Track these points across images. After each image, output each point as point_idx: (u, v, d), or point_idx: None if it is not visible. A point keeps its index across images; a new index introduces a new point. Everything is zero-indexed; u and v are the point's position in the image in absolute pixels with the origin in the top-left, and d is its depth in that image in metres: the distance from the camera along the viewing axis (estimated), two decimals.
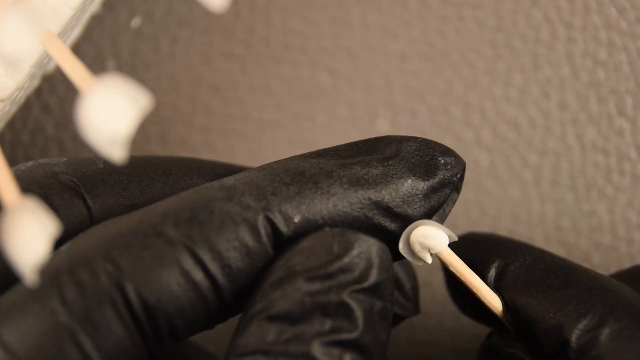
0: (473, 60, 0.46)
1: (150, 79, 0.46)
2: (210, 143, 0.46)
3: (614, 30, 0.46)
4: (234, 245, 0.32)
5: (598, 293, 0.34)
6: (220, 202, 0.32)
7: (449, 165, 0.34)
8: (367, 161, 0.34)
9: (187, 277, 0.31)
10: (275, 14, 0.47)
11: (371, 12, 0.46)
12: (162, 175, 0.35)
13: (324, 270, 0.31)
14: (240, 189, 0.32)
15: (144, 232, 0.31)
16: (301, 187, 0.33)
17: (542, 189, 0.46)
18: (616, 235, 0.45)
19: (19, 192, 0.31)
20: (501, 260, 0.36)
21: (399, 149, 0.34)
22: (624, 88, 0.46)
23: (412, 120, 0.46)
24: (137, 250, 0.31)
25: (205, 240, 0.31)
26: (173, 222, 0.32)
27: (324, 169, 0.33)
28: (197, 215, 0.32)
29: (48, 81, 0.46)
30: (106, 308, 0.30)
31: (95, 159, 0.35)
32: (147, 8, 0.47)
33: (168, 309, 0.31)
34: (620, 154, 0.45)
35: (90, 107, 0.29)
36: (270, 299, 0.31)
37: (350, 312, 0.31)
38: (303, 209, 0.32)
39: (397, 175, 0.33)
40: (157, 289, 0.31)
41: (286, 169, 0.33)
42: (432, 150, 0.34)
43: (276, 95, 0.46)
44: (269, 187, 0.32)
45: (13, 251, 0.29)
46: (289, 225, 0.32)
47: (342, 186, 0.33)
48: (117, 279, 0.31)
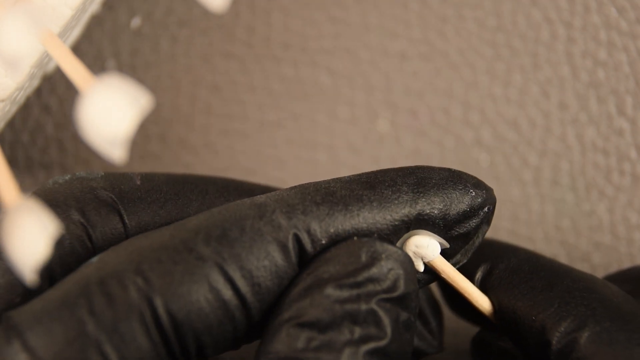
0: (473, 60, 0.46)
1: (150, 79, 0.46)
2: (210, 143, 0.46)
3: (614, 30, 0.46)
4: (264, 265, 0.32)
5: (580, 294, 0.34)
6: (252, 220, 0.32)
7: (479, 198, 0.34)
8: (398, 186, 0.34)
9: (216, 295, 0.31)
10: (275, 14, 0.47)
11: (371, 12, 0.46)
12: (198, 195, 0.36)
13: (352, 278, 0.31)
14: (271, 207, 0.32)
15: (175, 248, 0.32)
16: (331, 209, 0.33)
17: (542, 189, 0.46)
18: (616, 235, 0.45)
19: (58, 207, 0.31)
20: (487, 263, 0.36)
21: (431, 177, 0.34)
22: (624, 88, 0.46)
23: (412, 120, 0.46)
24: (168, 265, 0.31)
25: (236, 258, 0.32)
26: (204, 238, 0.32)
27: (355, 191, 0.33)
28: (228, 233, 0.32)
29: (48, 81, 0.46)
30: (134, 321, 0.31)
31: (132, 175, 0.36)
32: (147, 8, 0.47)
33: (196, 325, 0.31)
34: (620, 154, 0.45)
35: (90, 107, 0.29)
36: (299, 306, 0.31)
37: (379, 321, 0.31)
38: (331, 231, 0.32)
39: (426, 202, 0.33)
40: (186, 305, 0.31)
41: (317, 189, 0.33)
42: (464, 181, 0.34)
43: (276, 95, 0.46)
44: (300, 206, 0.33)
45: (13, 251, 0.29)
46: (316, 247, 0.32)
47: (372, 210, 0.33)
48: (146, 292, 0.31)
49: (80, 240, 0.34)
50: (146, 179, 0.36)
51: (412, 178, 0.34)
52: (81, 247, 0.34)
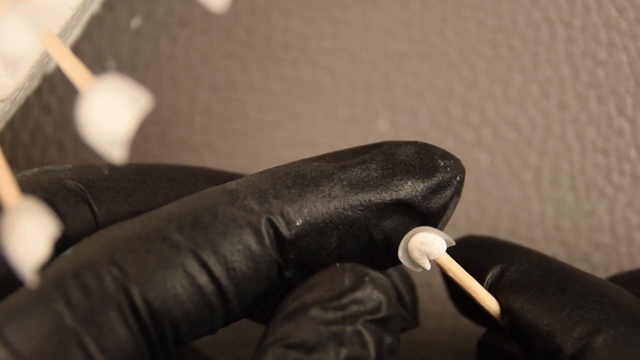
0: (473, 60, 0.46)
1: (150, 79, 0.46)
2: (210, 143, 0.46)
3: (614, 30, 0.46)
4: (238, 249, 0.32)
5: (593, 299, 0.34)
6: (224, 205, 0.32)
7: (448, 167, 0.34)
8: (367, 164, 0.34)
9: (191, 281, 0.31)
10: (275, 14, 0.47)
11: (371, 12, 0.46)
12: (166, 182, 0.36)
13: (337, 301, 0.31)
14: (243, 193, 0.33)
15: (148, 236, 0.32)
16: (303, 190, 0.33)
17: (542, 189, 0.46)
18: (616, 235, 0.45)
19: (24, 197, 0.31)
20: (498, 265, 0.36)
21: (398, 152, 0.34)
22: (624, 88, 0.46)
23: (412, 120, 0.46)
24: (142, 254, 0.31)
25: (210, 244, 0.32)
26: (177, 226, 0.32)
27: (325, 171, 0.33)
28: (201, 219, 0.32)
29: (48, 81, 0.46)
30: (111, 311, 0.31)
31: (100, 166, 0.36)
32: (147, 8, 0.47)
33: (173, 313, 0.31)
34: (620, 154, 0.45)
35: (90, 107, 0.29)
36: (284, 329, 0.31)
37: (364, 342, 0.31)
38: (305, 212, 0.33)
39: (397, 178, 0.34)
40: (162, 293, 0.31)
41: (287, 172, 0.33)
42: (431, 153, 0.34)
43: (276, 95, 0.46)
44: (271, 190, 0.33)
45: (13, 251, 0.29)
46: (291, 229, 0.32)
47: (343, 189, 0.33)
48: (122, 282, 0.31)
49: None
50: (114, 168, 0.36)
51: (380, 155, 0.34)
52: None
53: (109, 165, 0.36)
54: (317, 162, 0.34)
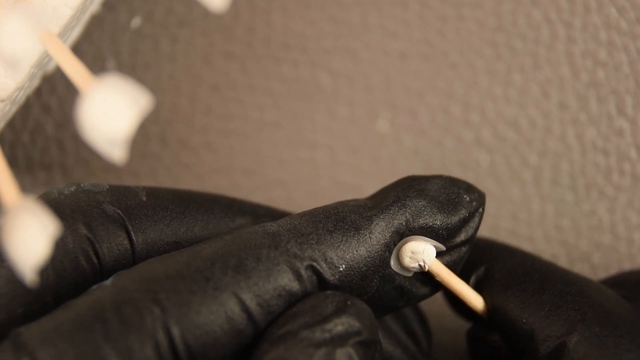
0: (473, 60, 0.46)
1: (150, 79, 0.46)
2: (210, 143, 0.46)
3: (614, 30, 0.46)
4: (280, 294, 0.32)
5: (572, 299, 0.34)
6: (267, 249, 0.32)
7: (473, 201, 0.35)
8: (402, 202, 0.34)
9: (232, 325, 0.31)
10: (275, 14, 0.47)
11: (371, 12, 0.46)
12: (204, 214, 0.36)
13: (322, 325, 0.31)
14: (285, 237, 0.33)
15: (192, 277, 0.32)
16: (344, 235, 0.33)
17: (542, 189, 0.46)
18: (616, 235, 0.45)
19: (64, 219, 0.31)
20: (484, 264, 0.36)
21: (427, 188, 0.35)
22: (624, 88, 0.46)
23: (412, 120, 0.46)
24: (185, 295, 0.31)
25: (253, 288, 0.32)
26: (221, 267, 0.32)
27: (363, 213, 0.34)
28: (245, 262, 0.32)
29: (48, 81, 0.46)
30: (149, 349, 0.31)
31: (137, 190, 0.36)
32: (147, 8, 0.47)
33: (211, 354, 0.31)
34: (620, 154, 0.45)
35: (90, 107, 0.29)
36: (273, 355, 0.31)
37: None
38: (348, 257, 0.33)
39: (428, 214, 0.34)
40: (203, 335, 0.31)
41: (327, 216, 0.34)
42: (457, 187, 0.35)
43: (276, 95, 0.46)
44: (314, 235, 0.33)
45: (13, 251, 0.29)
46: (335, 274, 0.33)
47: (382, 233, 0.34)
48: (163, 321, 0.31)
49: (85, 255, 0.34)
50: (152, 195, 0.36)
51: (412, 192, 0.35)
52: (86, 262, 0.34)
53: (146, 191, 0.36)
54: (354, 202, 0.34)
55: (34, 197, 0.34)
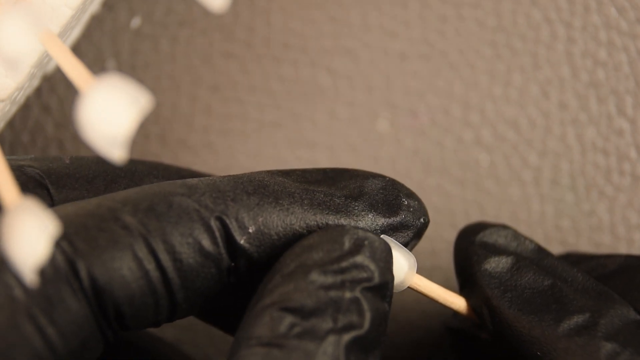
0: (473, 60, 0.46)
1: (150, 79, 0.46)
2: (210, 143, 0.46)
3: (614, 30, 0.46)
4: (188, 242, 0.32)
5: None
6: (180, 197, 0.32)
7: (411, 208, 0.34)
8: (331, 191, 0.34)
9: (139, 265, 0.31)
10: (275, 14, 0.47)
11: (371, 12, 0.46)
12: (127, 173, 0.36)
13: (337, 265, 0.31)
14: (202, 189, 0.33)
15: (102, 215, 0.32)
16: (262, 200, 0.33)
17: (542, 189, 0.46)
18: (616, 235, 0.45)
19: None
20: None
21: (364, 185, 0.34)
22: (624, 88, 0.46)
23: (412, 120, 0.46)
24: (93, 232, 0.31)
25: (161, 232, 0.32)
26: (131, 209, 0.32)
27: (288, 188, 0.33)
28: (155, 207, 0.32)
29: (48, 81, 0.46)
30: (60, 284, 0.31)
31: (62, 156, 0.36)
32: (147, 8, 0.47)
33: (117, 293, 0.31)
34: (620, 154, 0.45)
35: (90, 107, 0.29)
36: (282, 291, 0.31)
37: (361, 310, 0.31)
38: (259, 220, 0.33)
39: (358, 208, 0.34)
40: (108, 271, 0.31)
41: (250, 180, 0.33)
42: (397, 191, 0.34)
43: (276, 95, 0.46)
44: (230, 193, 0.33)
45: (13, 251, 0.29)
46: (243, 234, 0.32)
47: (303, 207, 0.33)
48: (71, 256, 0.31)
49: None
50: (76, 158, 0.36)
51: (345, 184, 0.34)
52: None
53: (71, 156, 0.36)
54: (282, 178, 0.34)
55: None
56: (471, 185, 0.46)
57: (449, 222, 0.45)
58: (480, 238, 0.37)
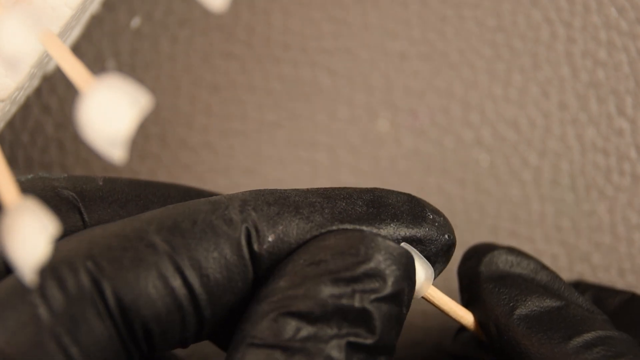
0: (473, 60, 0.46)
1: (150, 79, 0.46)
2: (210, 143, 0.46)
3: (614, 30, 0.46)
4: (214, 256, 0.32)
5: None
6: (204, 213, 0.32)
7: (437, 222, 0.34)
8: (354, 200, 0.33)
9: (164, 282, 0.31)
10: (275, 14, 0.47)
11: (371, 12, 0.46)
12: (160, 197, 0.36)
13: (349, 272, 0.31)
14: (225, 203, 0.33)
15: (126, 235, 0.32)
16: (282, 209, 0.33)
17: (542, 189, 0.46)
18: (616, 235, 0.45)
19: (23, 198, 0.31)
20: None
21: (388, 197, 0.34)
22: (624, 88, 0.46)
23: (412, 120, 0.46)
24: (117, 251, 0.31)
25: (186, 248, 0.32)
26: (156, 228, 0.32)
27: (309, 198, 0.33)
28: (180, 224, 0.32)
29: (48, 81, 0.46)
30: (85, 304, 0.31)
31: (95, 177, 0.36)
32: (147, 8, 0.47)
33: (143, 312, 0.31)
34: (620, 154, 0.45)
35: (90, 107, 0.29)
36: (291, 294, 0.31)
37: (369, 320, 0.31)
38: (279, 229, 0.32)
39: (380, 217, 0.33)
40: (134, 290, 0.31)
41: (272, 192, 0.33)
42: (422, 205, 0.34)
43: (276, 95, 0.46)
44: (252, 203, 0.33)
45: (13, 251, 0.29)
46: (262, 243, 0.32)
47: (323, 215, 0.33)
48: (96, 276, 0.31)
49: None
50: (109, 180, 0.36)
51: (368, 195, 0.34)
52: None
53: (104, 178, 0.36)
54: (304, 191, 0.34)
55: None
56: (471, 185, 0.46)
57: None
58: (489, 258, 0.37)
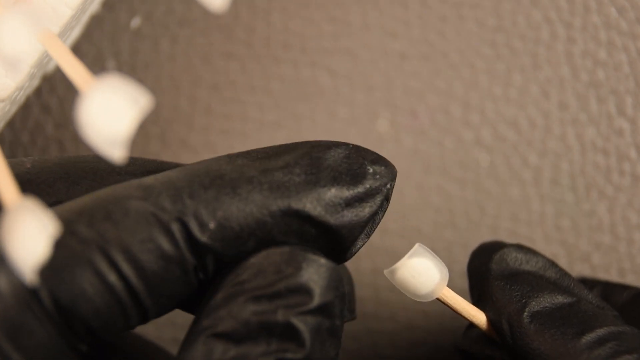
0: (473, 60, 0.46)
1: (150, 79, 0.46)
2: (210, 143, 0.46)
3: (614, 30, 0.46)
4: (148, 248, 0.31)
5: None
6: (136, 201, 0.31)
7: (377, 174, 0.33)
8: (291, 167, 0.32)
9: (100, 278, 0.31)
10: (275, 14, 0.47)
11: (371, 12, 0.46)
12: (89, 173, 0.35)
13: (271, 289, 0.31)
14: (158, 189, 0.32)
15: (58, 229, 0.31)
16: (219, 192, 0.32)
17: (542, 189, 0.46)
18: (616, 235, 0.45)
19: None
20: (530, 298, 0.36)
21: (326, 157, 0.33)
22: (624, 88, 0.46)
23: (412, 120, 0.46)
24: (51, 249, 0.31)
25: (119, 241, 0.31)
26: (87, 220, 0.31)
27: (245, 173, 0.32)
28: (112, 215, 0.31)
29: (48, 81, 0.46)
30: (22, 308, 0.30)
31: (24, 160, 0.35)
32: (147, 8, 0.47)
33: (82, 310, 0.31)
34: (620, 154, 0.45)
35: (90, 107, 0.29)
36: (216, 316, 0.31)
37: (297, 334, 0.30)
38: (219, 215, 0.31)
39: (320, 184, 0.32)
40: (71, 289, 0.30)
41: (207, 171, 0.32)
42: (361, 158, 0.33)
43: (276, 95, 0.46)
44: (187, 189, 0.32)
45: (13, 251, 0.29)
46: (204, 232, 0.31)
47: (262, 193, 0.32)
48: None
49: None
50: (38, 161, 0.35)
51: (305, 159, 0.33)
52: None
53: (33, 159, 0.35)
54: (241, 160, 0.33)
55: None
56: (471, 185, 0.46)
57: (449, 222, 0.45)
58: (499, 256, 0.37)
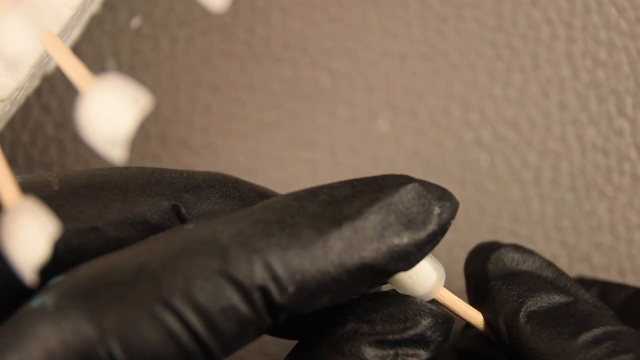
0: (473, 60, 0.46)
1: (150, 79, 0.46)
2: (210, 143, 0.46)
3: (614, 30, 0.46)
4: (228, 315, 0.31)
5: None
6: (216, 266, 0.31)
7: (444, 213, 0.33)
8: (364, 217, 0.33)
9: (172, 337, 0.30)
10: (275, 14, 0.47)
11: (371, 12, 0.46)
12: (119, 195, 0.34)
13: (396, 336, 0.32)
14: (235, 253, 0.31)
15: (123, 280, 0.30)
16: (297, 254, 0.32)
17: (542, 189, 0.46)
18: (616, 235, 0.45)
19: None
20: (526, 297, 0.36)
21: (395, 200, 0.33)
22: (624, 88, 0.46)
23: (412, 120, 0.46)
24: (121, 303, 0.30)
25: (199, 309, 0.31)
26: (169, 291, 0.31)
27: (321, 229, 0.32)
28: (195, 283, 0.31)
29: (48, 81, 0.46)
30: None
31: (49, 179, 0.34)
32: (147, 8, 0.47)
33: None
34: (620, 154, 0.45)
35: (90, 107, 0.29)
36: (340, 349, 0.32)
37: None
38: (298, 279, 0.32)
39: (394, 233, 0.33)
40: (143, 350, 0.30)
41: (281, 227, 0.32)
42: (429, 197, 0.33)
43: (276, 95, 0.46)
44: (265, 251, 0.31)
45: (13, 251, 0.29)
46: (283, 295, 0.31)
47: (338, 251, 0.32)
48: (102, 336, 0.30)
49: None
50: (64, 181, 0.34)
51: (376, 205, 0.33)
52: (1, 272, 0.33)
53: (59, 178, 0.34)
54: (311, 206, 0.33)
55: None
56: (471, 185, 0.46)
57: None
58: (496, 256, 0.37)
